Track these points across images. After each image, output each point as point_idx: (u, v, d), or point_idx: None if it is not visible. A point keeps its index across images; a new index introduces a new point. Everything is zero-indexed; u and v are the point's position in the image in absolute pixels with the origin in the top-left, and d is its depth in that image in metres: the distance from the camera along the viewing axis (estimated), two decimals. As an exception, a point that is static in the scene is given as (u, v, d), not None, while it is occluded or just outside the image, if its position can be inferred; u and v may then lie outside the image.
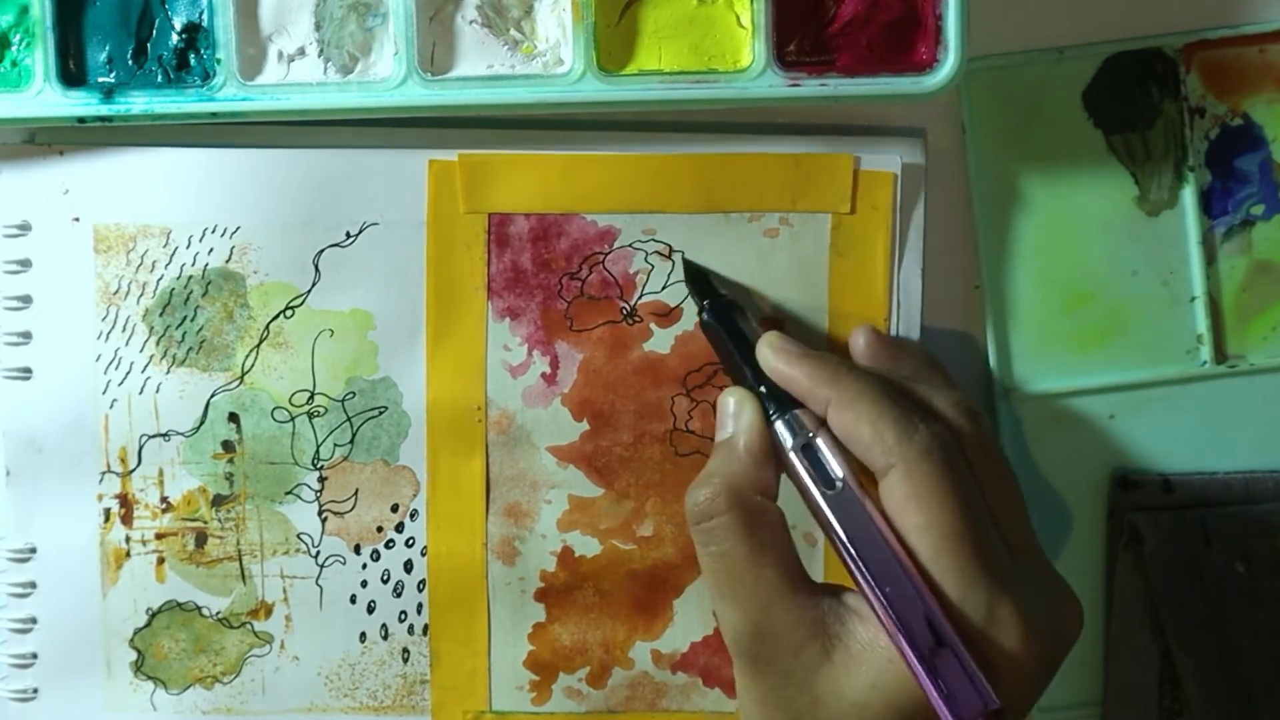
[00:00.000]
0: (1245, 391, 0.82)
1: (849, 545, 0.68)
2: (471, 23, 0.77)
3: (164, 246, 0.79)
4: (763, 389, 0.74)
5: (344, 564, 0.81)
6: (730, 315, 0.77)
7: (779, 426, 0.72)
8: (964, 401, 0.72)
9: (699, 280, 0.80)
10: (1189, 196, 0.81)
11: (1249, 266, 0.81)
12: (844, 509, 0.69)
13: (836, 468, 0.70)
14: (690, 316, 0.80)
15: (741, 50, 0.77)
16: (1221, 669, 0.81)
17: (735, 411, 0.74)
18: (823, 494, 0.70)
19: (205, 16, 0.76)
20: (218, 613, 0.81)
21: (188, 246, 0.79)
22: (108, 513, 0.81)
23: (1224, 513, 0.81)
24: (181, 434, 0.80)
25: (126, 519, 0.81)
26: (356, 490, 0.81)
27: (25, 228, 0.79)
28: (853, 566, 0.68)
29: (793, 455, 0.71)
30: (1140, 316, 0.81)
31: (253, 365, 0.80)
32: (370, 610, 0.82)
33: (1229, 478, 0.82)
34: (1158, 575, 0.81)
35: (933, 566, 0.67)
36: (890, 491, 0.68)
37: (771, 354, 0.74)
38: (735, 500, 0.71)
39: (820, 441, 0.71)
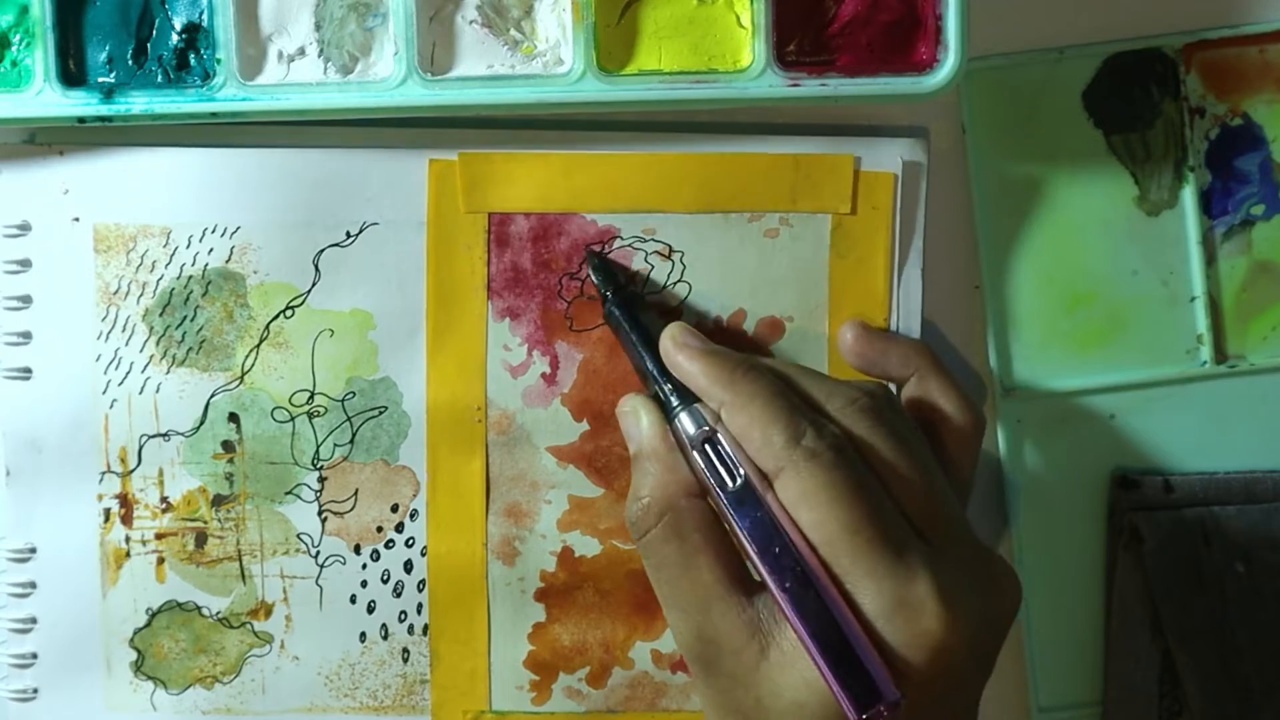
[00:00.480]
0: (1245, 391, 0.82)
1: (749, 540, 0.69)
2: (471, 23, 0.77)
3: (164, 246, 0.79)
4: (666, 384, 0.74)
5: (344, 564, 0.81)
6: (634, 308, 0.78)
7: (682, 419, 0.73)
8: (862, 397, 0.71)
9: (603, 271, 0.79)
10: (1189, 196, 0.81)
11: (1249, 266, 0.82)
12: (744, 504, 0.69)
13: (737, 462, 0.70)
14: (691, 317, 0.80)
15: (741, 50, 0.77)
16: (1221, 669, 0.81)
17: (638, 421, 0.75)
18: (723, 489, 0.70)
19: (205, 16, 0.76)
20: (218, 613, 0.81)
21: (187, 246, 0.79)
22: (108, 513, 0.81)
23: (1224, 513, 0.81)
24: (181, 434, 0.80)
25: (126, 519, 0.81)
26: (356, 490, 0.81)
27: (25, 228, 0.79)
28: (756, 562, 0.69)
29: (693, 450, 0.72)
30: (1140, 316, 0.81)
31: (253, 365, 0.80)
32: (370, 610, 0.82)
33: (1229, 478, 0.82)
34: (1158, 575, 0.81)
35: (831, 560, 0.67)
36: (783, 492, 0.69)
37: (673, 348, 0.75)
38: (662, 509, 0.72)
39: (721, 435, 0.71)
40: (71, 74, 0.76)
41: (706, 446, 0.71)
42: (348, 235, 0.79)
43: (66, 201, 0.79)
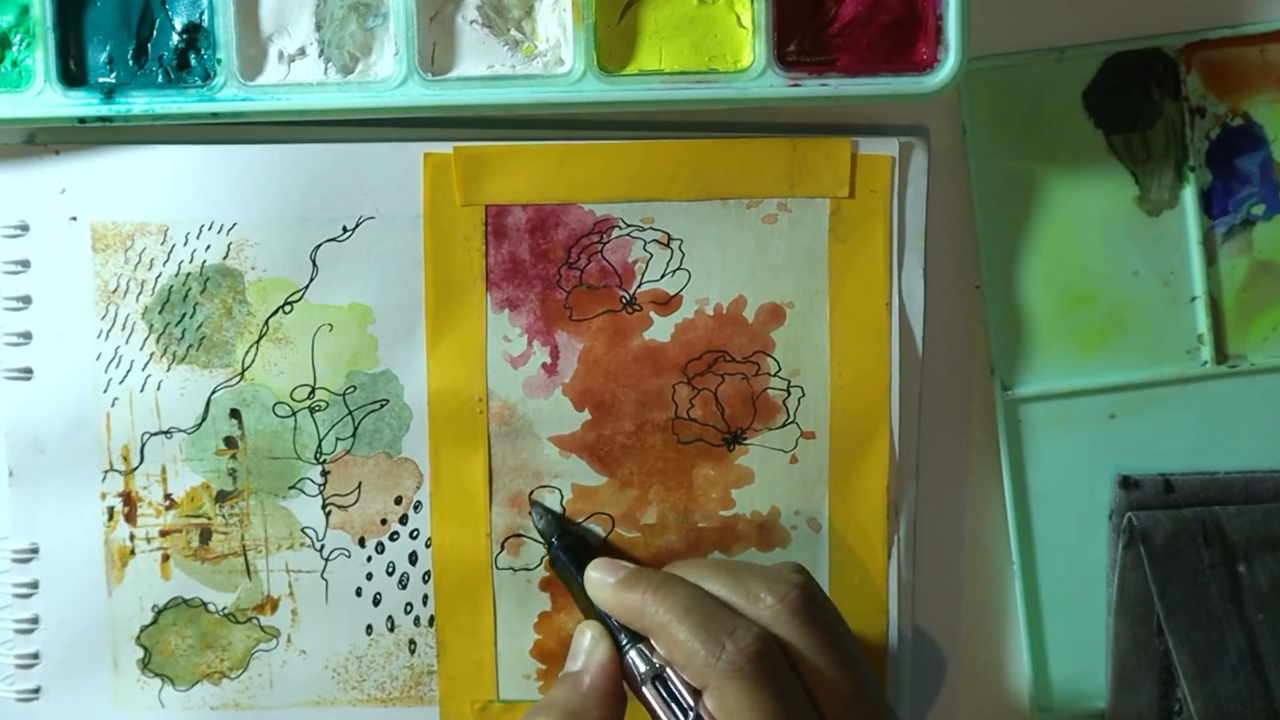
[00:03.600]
0: (1245, 391, 0.82)
1: None
2: (472, 23, 0.77)
3: (162, 244, 0.79)
4: (611, 619, 0.76)
5: (349, 557, 0.82)
6: (578, 553, 0.79)
7: (631, 656, 0.74)
8: (791, 592, 0.72)
9: (549, 518, 0.81)
10: (1189, 196, 0.81)
11: (1249, 266, 0.82)
12: None
13: (686, 696, 0.71)
14: (690, 304, 0.81)
15: (742, 50, 0.77)
16: (1221, 669, 0.82)
17: (589, 647, 0.76)
18: None
19: (206, 16, 0.76)
20: (224, 608, 0.82)
21: (185, 244, 0.79)
22: (111, 511, 0.81)
23: (1224, 513, 0.81)
24: (183, 431, 0.81)
25: (130, 517, 0.81)
26: (360, 483, 0.81)
27: (23, 228, 0.79)
28: None
29: (644, 688, 0.73)
30: (1141, 316, 0.82)
31: (253, 361, 0.80)
32: (376, 603, 0.82)
33: (1229, 478, 0.82)
34: (1158, 575, 0.81)
35: None
36: (714, 710, 0.69)
37: (594, 587, 0.76)
38: None
39: (670, 671, 0.72)
40: (72, 74, 0.76)
41: (656, 683, 0.72)
42: (344, 230, 0.80)
43: (64, 201, 0.79)
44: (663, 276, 0.81)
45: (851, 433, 0.82)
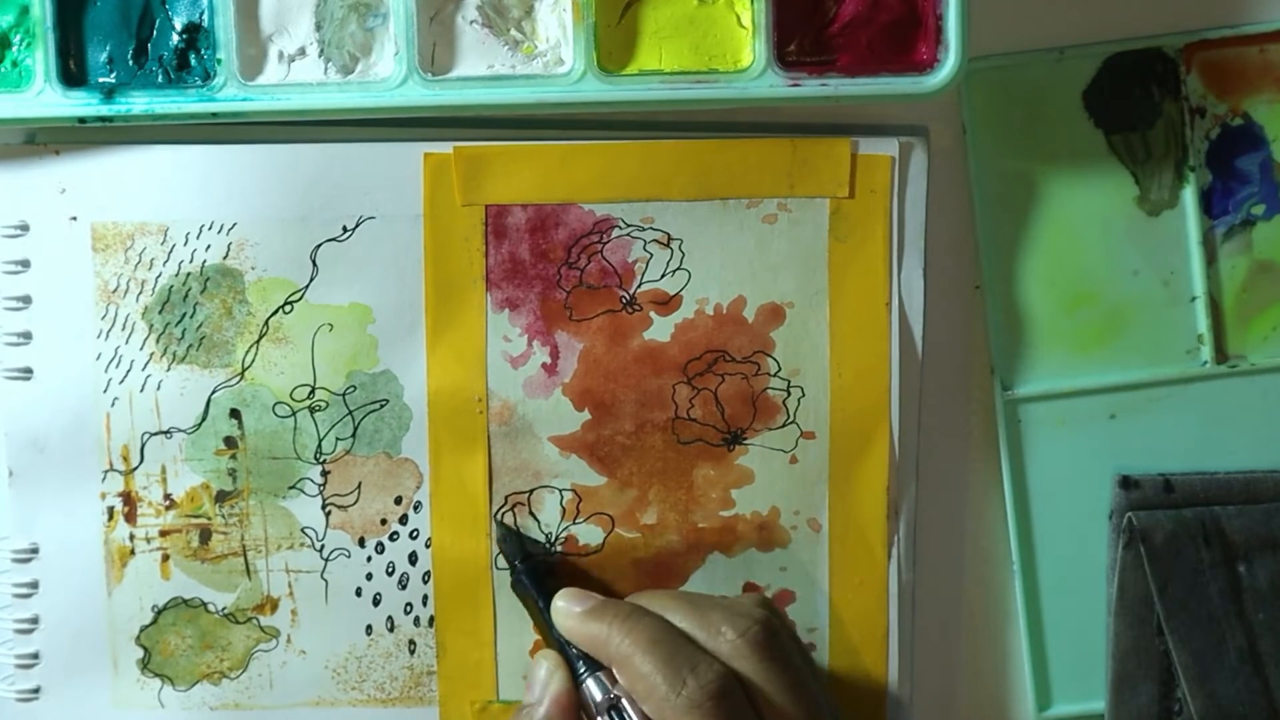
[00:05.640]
0: (1245, 391, 0.82)
1: None
2: (472, 23, 0.77)
3: (162, 244, 0.79)
4: (573, 648, 0.76)
5: (349, 557, 0.82)
6: (540, 576, 0.80)
7: (588, 685, 0.74)
8: (753, 627, 0.72)
9: (511, 540, 0.81)
10: (1189, 196, 0.81)
11: (1249, 266, 0.82)
12: None
13: None
14: (691, 304, 0.81)
15: (742, 50, 0.77)
16: (1221, 669, 0.82)
17: (545, 679, 0.76)
18: None
19: (206, 16, 0.76)
20: (224, 608, 0.82)
21: (185, 244, 0.79)
22: (111, 511, 0.81)
23: (1224, 513, 0.81)
24: (183, 431, 0.81)
25: (130, 517, 0.81)
26: (359, 483, 0.81)
27: (23, 228, 0.79)
28: None
29: (599, 717, 0.73)
30: (1141, 316, 0.82)
31: (253, 361, 0.80)
32: (376, 603, 0.82)
33: (1229, 478, 0.82)
34: (1158, 575, 0.81)
35: None
36: None
37: (560, 616, 0.76)
38: None
39: (625, 701, 0.72)
40: (72, 74, 0.77)
41: (611, 713, 0.73)
42: (344, 230, 0.80)
43: (64, 201, 0.79)
44: (663, 276, 0.81)
45: (851, 433, 0.82)
